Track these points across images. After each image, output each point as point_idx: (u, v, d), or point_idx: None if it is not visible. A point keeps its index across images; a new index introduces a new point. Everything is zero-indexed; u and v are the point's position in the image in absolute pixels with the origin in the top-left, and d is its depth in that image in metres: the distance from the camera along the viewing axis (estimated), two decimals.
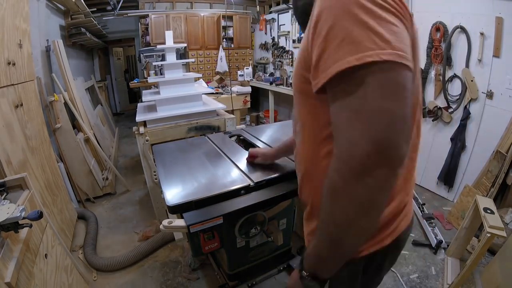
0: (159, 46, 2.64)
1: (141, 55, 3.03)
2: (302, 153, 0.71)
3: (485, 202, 1.61)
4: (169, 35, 2.31)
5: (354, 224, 0.51)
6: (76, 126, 2.77)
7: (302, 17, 0.68)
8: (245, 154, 1.53)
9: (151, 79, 2.55)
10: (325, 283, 0.62)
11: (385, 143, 0.44)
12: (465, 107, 2.40)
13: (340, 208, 0.51)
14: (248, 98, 4.50)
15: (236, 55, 5.47)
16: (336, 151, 0.50)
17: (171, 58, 2.30)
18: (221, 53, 5.10)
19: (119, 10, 4.67)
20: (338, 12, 0.46)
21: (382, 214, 0.54)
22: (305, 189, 0.72)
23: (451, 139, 2.54)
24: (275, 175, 1.26)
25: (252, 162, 1.38)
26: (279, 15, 4.88)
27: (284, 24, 4.80)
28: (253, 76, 5.27)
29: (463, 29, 2.31)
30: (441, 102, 2.61)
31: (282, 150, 1.23)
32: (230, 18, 5.14)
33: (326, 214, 0.54)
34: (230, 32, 5.28)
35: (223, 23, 5.07)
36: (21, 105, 1.74)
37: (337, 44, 0.46)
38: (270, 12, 5.23)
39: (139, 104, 2.58)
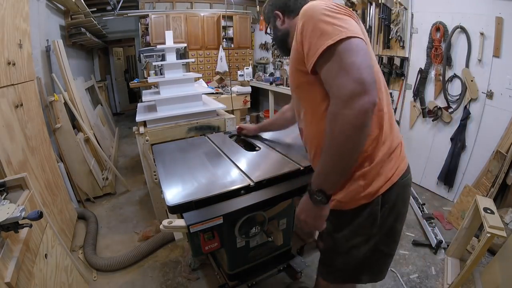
0: (159, 46, 2.63)
1: (141, 55, 3.02)
2: (310, 132, 0.96)
3: (485, 202, 1.61)
4: (169, 35, 2.31)
5: (349, 139, 0.72)
6: (76, 126, 2.77)
7: (281, 44, 1.04)
8: (245, 154, 1.53)
9: (151, 79, 2.55)
10: (329, 198, 0.81)
11: (361, 79, 0.69)
12: (465, 107, 2.40)
13: (338, 128, 0.72)
14: (248, 98, 4.50)
15: (236, 55, 5.47)
16: (331, 95, 0.75)
17: (171, 58, 2.30)
18: (221, 53, 5.10)
19: (119, 10, 4.67)
20: (313, 21, 0.77)
21: (382, 154, 0.84)
22: (317, 160, 0.86)
23: (451, 139, 2.54)
24: (275, 175, 1.26)
25: (253, 162, 1.38)
26: None
27: None
28: (253, 76, 5.27)
29: (463, 29, 2.31)
30: (441, 102, 2.61)
31: (264, 126, 1.71)
32: (230, 18, 5.14)
33: (328, 137, 0.76)
34: (230, 32, 5.28)
35: (223, 23, 5.07)
36: (21, 105, 1.74)
37: (317, 37, 0.75)
38: None
39: (139, 104, 2.58)
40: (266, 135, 1.81)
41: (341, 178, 0.81)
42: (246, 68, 5.12)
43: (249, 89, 4.55)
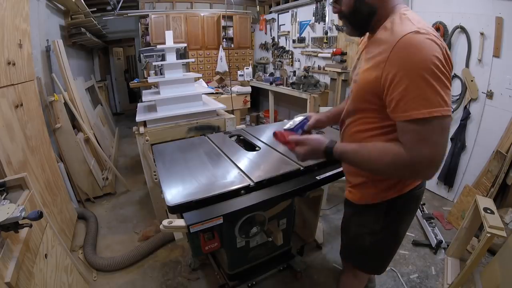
0: (159, 46, 2.63)
1: (141, 55, 3.02)
2: (351, 135, 0.98)
3: (485, 202, 1.61)
4: (169, 35, 2.31)
5: (375, 170, 0.86)
6: (76, 126, 2.77)
7: (363, 22, 0.87)
8: (245, 154, 1.53)
9: (151, 79, 2.54)
10: (331, 157, 0.91)
11: (438, 162, 0.75)
12: (465, 107, 2.40)
13: (384, 164, 0.80)
14: (248, 98, 4.50)
15: (236, 55, 5.47)
16: (404, 147, 0.76)
17: (171, 58, 2.30)
18: (221, 53, 5.09)
19: (119, 10, 4.67)
20: (416, 73, 0.70)
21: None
22: None
23: (451, 139, 2.54)
24: (275, 175, 1.27)
25: (253, 162, 1.37)
26: (279, 15, 4.88)
27: (284, 24, 4.80)
28: (253, 76, 5.27)
29: (463, 29, 2.31)
30: None
31: (332, 118, 1.25)
32: (230, 18, 5.14)
33: (375, 154, 0.82)
34: (230, 32, 5.27)
35: (223, 23, 5.07)
36: (21, 105, 1.74)
37: (414, 96, 0.71)
38: (270, 12, 5.23)
39: (139, 104, 2.58)
40: (266, 135, 1.81)
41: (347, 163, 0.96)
42: (246, 68, 5.12)
43: (249, 89, 4.55)
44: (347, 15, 0.87)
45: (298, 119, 1.17)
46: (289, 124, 1.16)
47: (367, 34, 0.92)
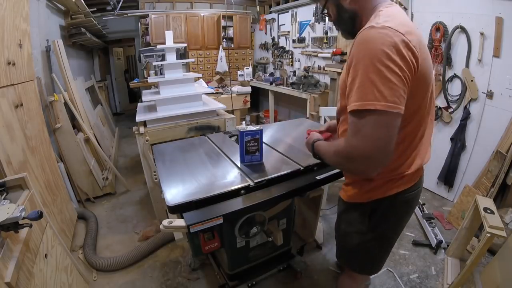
0: (159, 46, 2.63)
1: (141, 55, 3.02)
2: (342, 134, 1.00)
3: (485, 202, 1.61)
4: (169, 35, 2.31)
5: (335, 165, 0.97)
6: (76, 126, 2.77)
7: (347, 27, 0.94)
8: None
9: (151, 79, 2.54)
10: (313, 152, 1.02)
11: (366, 157, 0.74)
12: (465, 107, 2.40)
13: (333, 158, 0.88)
14: (248, 98, 4.49)
15: (236, 55, 5.46)
16: (348, 136, 0.79)
17: (171, 58, 2.30)
18: (221, 53, 5.09)
19: (119, 10, 4.67)
20: (359, 67, 0.73)
21: (389, 176, 0.90)
22: None
23: (451, 139, 2.54)
24: (275, 175, 1.27)
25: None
26: (279, 15, 4.88)
27: (284, 24, 4.80)
28: (253, 76, 5.27)
29: (463, 29, 2.31)
30: (441, 102, 2.61)
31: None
32: (230, 18, 5.14)
33: (329, 150, 0.91)
34: (230, 32, 5.27)
35: (223, 23, 5.07)
36: (21, 105, 1.74)
37: (355, 89, 0.74)
38: (270, 12, 5.23)
39: (139, 104, 2.58)
40: (266, 135, 1.81)
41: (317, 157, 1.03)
42: (246, 68, 5.12)
43: (249, 89, 4.55)
44: (335, 22, 0.97)
45: (250, 127, 1.32)
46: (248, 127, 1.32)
47: None
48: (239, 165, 1.37)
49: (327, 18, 1.06)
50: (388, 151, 0.74)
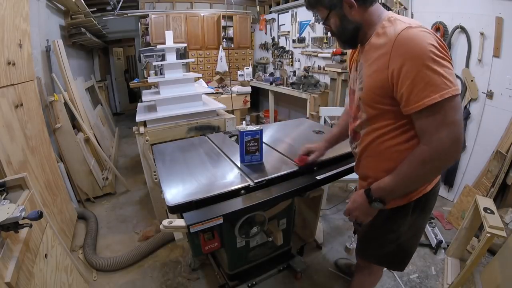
0: (159, 46, 2.63)
1: (141, 55, 3.02)
2: (369, 149, 1.01)
3: (485, 202, 1.61)
4: (169, 35, 2.31)
5: (426, 180, 0.94)
6: (76, 126, 2.77)
7: (350, 37, 0.95)
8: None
9: (151, 79, 2.54)
10: (385, 205, 0.94)
11: (459, 140, 0.77)
12: (465, 107, 2.40)
13: (424, 172, 0.84)
14: (248, 98, 4.49)
15: (236, 55, 5.47)
16: (425, 141, 0.81)
17: (171, 58, 2.30)
18: (221, 53, 5.09)
19: (119, 10, 4.67)
20: (419, 63, 0.75)
21: None
22: (362, 169, 1.09)
23: None
24: (275, 175, 1.26)
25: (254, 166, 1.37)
26: (279, 15, 4.88)
27: (284, 24, 4.80)
28: (253, 76, 5.27)
29: (463, 29, 2.31)
30: None
31: (333, 140, 1.35)
32: (230, 18, 5.14)
33: (409, 171, 0.85)
34: (230, 32, 5.27)
35: (223, 23, 5.07)
36: (21, 105, 1.74)
37: (423, 86, 0.76)
38: (270, 12, 5.23)
39: (139, 104, 2.58)
40: (266, 135, 1.80)
41: (400, 195, 0.96)
42: (246, 68, 5.12)
43: (249, 89, 4.55)
44: (336, 33, 0.97)
45: (250, 127, 1.32)
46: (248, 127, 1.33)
47: (358, 47, 1.00)
48: (239, 165, 1.37)
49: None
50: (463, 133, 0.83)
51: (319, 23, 3.99)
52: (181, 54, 4.89)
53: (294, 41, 4.60)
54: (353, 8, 0.88)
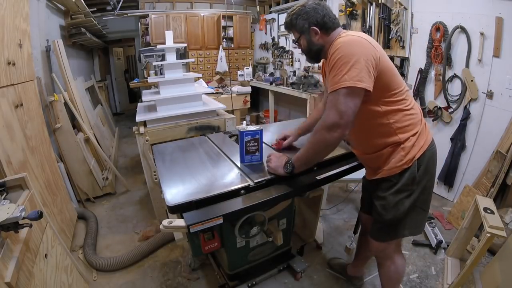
0: (159, 46, 2.63)
1: (141, 55, 3.02)
2: (356, 136, 1.30)
3: (485, 202, 1.61)
4: (169, 35, 2.31)
5: (321, 151, 1.15)
6: (76, 126, 2.77)
7: (315, 55, 1.23)
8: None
9: (151, 79, 2.54)
10: (292, 172, 1.19)
11: (340, 119, 1.02)
12: (465, 107, 2.40)
13: (319, 142, 1.10)
14: (248, 98, 4.49)
15: (236, 55, 5.47)
16: (322, 116, 1.08)
17: (171, 58, 2.30)
18: (221, 53, 5.09)
19: (119, 10, 4.67)
20: (335, 62, 1.03)
21: (416, 132, 1.14)
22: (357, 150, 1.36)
23: (451, 139, 2.54)
24: (275, 175, 1.26)
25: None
26: (279, 15, 4.88)
27: (284, 24, 4.79)
28: (253, 76, 5.27)
29: (463, 29, 2.31)
30: (441, 102, 2.61)
31: (304, 129, 1.58)
32: (230, 18, 5.14)
33: (310, 141, 1.14)
34: (230, 32, 5.28)
35: (223, 23, 5.07)
36: (21, 105, 1.74)
37: (332, 76, 1.04)
38: (270, 12, 5.23)
39: (139, 104, 2.58)
40: (266, 135, 1.80)
41: (307, 167, 1.22)
42: (246, 68, 5.11)
43: (249, 89, 4.55)
44: (304, 52, 1.25)
45: (250, 127, 1.36)
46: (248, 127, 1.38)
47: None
48: (239, 165, 1.37)
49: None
50: (350, 116, 1.04)
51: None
52: (181, 54, 4.89)
53: (294, 41, 4.59)
54: (317, 34, 1.15)
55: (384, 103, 1.10)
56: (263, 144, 1.39)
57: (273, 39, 5.15)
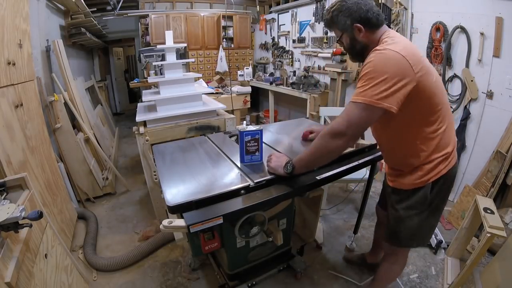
0: (159, 46, 2.63)
1: (141, 55, 3.02)
2: (386, 145, 1.31)
3: (485, 202, 1.61)
4: (169, 35, 2.31)
5: (323, 156, 1.13)
6: (76, 126, 2.77)
7: (358, 54, 1.17)
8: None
9: (151, 79, 2.55)
10: (291, 174, 1.19)
11: (347, 129, 1.01)
12: (465, 107, 2.40)
13: (321, 147, 1.10)
14: (248, 98, 4.49)
15: (236, 55, 5.47)
16: (332, 122, 1.09)
17: (171, 58, 2.30)
18: (221, 53, 5.09)
19: (119, 10, 4.67)
20: (364, 73, 1.00)
21: (438, 156, 1.11)
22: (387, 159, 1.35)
23: None
24: (275, 175, 1.26)
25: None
26: (279, 15, 4.88)
27: (284, 24, 4.80)
28: (253, 76, 5.27)
29: (463, 29, 2.31)
30: None
31: None
32: (230, 18, 5.14)
33: (315, 144, 1.12)
34: (230, 32, 5.27)
35: (223, 23, 5.07)
36: (21, 105, 1.74)
37: (358, 86, 1.02)
38: (270, 12, 5.23)
39: (139, 104, 2.58)
40: (266, 135, 1.80)
41: (307, 170, 1.24)
42: (246, 68, 5.11)
43: (249, 89, 4.55)
44: (347, 50, 1.19)
45: (250, 127, 1.37)
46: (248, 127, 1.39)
47: None
48: (239, 165, 1.37)
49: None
50: (358, 131, 1.06)
51: (318, 23, 3.99)
52: (181, 54, 4.89)
53: (294, 41, 4.60)
54: (361, 32, 1.08)
55: (416, 129, 1.08)
56: (263, 144, 1.39)
57: (273, 39, 5.15)
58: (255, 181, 1.20)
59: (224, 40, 5.21)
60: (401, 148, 1.16)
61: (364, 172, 1.92)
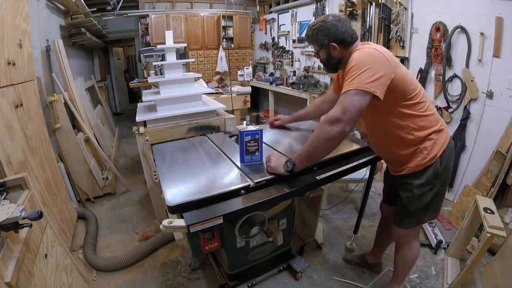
0: (159, 46, 2.63)
1: (141, 55, 3.02)
2: (373, 136, 1.43)
3: (485, 202, 1.61)
4: (169, 35, 2.31)
5: (321, 145, 1.15)
6: (76, 126, 2.77)
7: (333, 67, 1.33)
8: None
9: (151, 79, 2.55)
10: (292, 171, 1.21)
11: (343, 115, 1.07)
12: (465, 107, 2.40)
13: (320, 135, 1.13)
14: (248, 98, 4.49)
15: (236, 55, 5.47)
16: (328, 113, 1.15)
17: (171, 58, 2.30)
18: (221, 53, 5.09)
19: (119, 10, 4.67)
20: (349, 69, 1.13)
21: (436, 131, 1.23)
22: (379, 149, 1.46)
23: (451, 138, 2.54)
24: (275, 175, 1.26)
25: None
26: (279, 15, 4.88)
27: (284, 24, 4.80)
28: (253, 76, 5.27)
29: (463, 29, 2.31)
30: (441, 102, 2.61)
31: (299, 116, 1.87)
32: (230, 18, 5.14)
33: (313, 136, 1.16)
34: (230, 32, 5.27)
35: (223, 23, 5.07)
36: (21, 105, 1.74)
37: (345, 82, 1.12)
38: (270, 12, 5.23)
39: (139, 104, 2.58)
40: (266, 135, 1.80)
41: (308, 164, 1.24)
42: (246, 68, 5.12)
43: (249, 89, 4.55)
44: (323, 63, 1.34)
45: (250, 127, 1.39)
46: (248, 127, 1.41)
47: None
48: (239, 165, 1.37)
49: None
50: (354, 117, 1.10)
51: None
52: (181, 54, 4.89)
53: (294, 41, 4.60)
54: (336, 49, 1.24)
55: (400, 111, 1.19)
56: (263, 144, 1.39)
57: (273, 39, 5.15)
58: (255, 181, 1.20)
59: (224, 40, 5.21)
60: (394, 133, 1.23)
61: (364, 172, 1.92)
